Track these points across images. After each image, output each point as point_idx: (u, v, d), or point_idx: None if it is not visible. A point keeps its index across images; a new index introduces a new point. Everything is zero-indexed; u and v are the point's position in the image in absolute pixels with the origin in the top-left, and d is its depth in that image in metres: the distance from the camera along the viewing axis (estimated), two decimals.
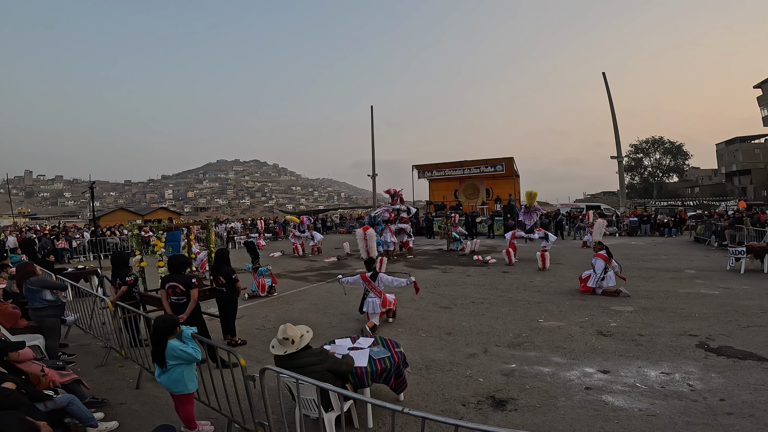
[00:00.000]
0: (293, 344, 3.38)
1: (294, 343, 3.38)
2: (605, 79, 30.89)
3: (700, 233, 17.35)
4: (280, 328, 3.45)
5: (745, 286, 8.43)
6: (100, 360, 5.36)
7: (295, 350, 3.36)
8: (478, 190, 27.82)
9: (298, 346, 3.37)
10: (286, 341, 3.39)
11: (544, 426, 3.53)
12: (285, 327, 3.45)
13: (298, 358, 3.35)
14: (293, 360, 3.34)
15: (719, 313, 6.54)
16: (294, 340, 3.39)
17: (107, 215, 42.32)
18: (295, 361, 3.33)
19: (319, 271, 12.67)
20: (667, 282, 9.19)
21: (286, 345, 3.39)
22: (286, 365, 3.33)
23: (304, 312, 7.62)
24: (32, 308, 5.21)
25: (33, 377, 3.42)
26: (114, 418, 3.85)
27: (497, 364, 4.89)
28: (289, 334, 3.40)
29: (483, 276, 10.79)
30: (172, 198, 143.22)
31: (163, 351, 3.36)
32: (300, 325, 3.60)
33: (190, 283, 4.89)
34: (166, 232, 6.60)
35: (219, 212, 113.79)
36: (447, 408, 3.92)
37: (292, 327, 3.48)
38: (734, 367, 4.52)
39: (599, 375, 4.48)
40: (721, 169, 53.69)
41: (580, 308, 7.19)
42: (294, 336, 3.40)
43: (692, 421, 3.46)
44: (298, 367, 3.26)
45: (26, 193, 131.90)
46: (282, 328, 3.45)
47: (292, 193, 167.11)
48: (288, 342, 3.38)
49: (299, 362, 3.32)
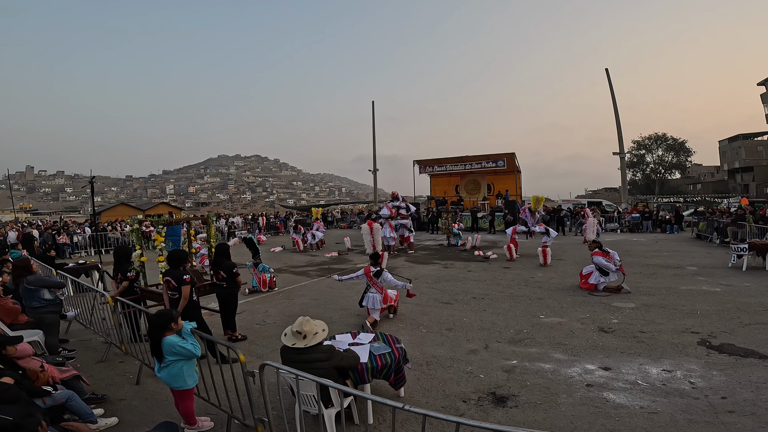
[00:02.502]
0: (304, 339, 3.37)
1: (305, 339, 3.37)
2: (608, 75, 30.73)
3: (702, 230, 17.30)
4: (299, 320, 3.45)
5: (747, 283, 8.40)
6: (101, 356, 5.36)
7: (304, 346, 3.35)
8: (480, 186, 27.75)
9: (308, 343, 3.36)
10: (298, 335, 3.38)
11: (545, 423, 3.52)
12: (303, 320, 3.43)
13: (306, 354, 3.34)
14: (300, 354, 3.34)
15: (721, 311, 6.51)
16: (306, 336, 3.38)
17: (108, 210, 42.25)
18: (302, 356, 3.33)
19: (320, 266, 12.66)
20: (668, 279, 9.16)
21: (298, 338, 3.38)
22: (292, 358, 3.34)
23: (305, 307, 7.61)
24: (30, 307, 5.19)
25: (31, 373, 3.40)
26: (114, 414, 3.85)
27: (498, 361, 4.87)
28: (305, 329, 3.38)
29: (484, 272, 10.77)
30: (173, 193, 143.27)
31: (159, 345, 3.35)
32: (318, 321, 3.58)
33: (181, 278, 4.84)
34: (166, 227, 6.57)
35: (220, 207, 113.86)
36: (448, 404, 3.91)
37: (310, 322, 3.46)
38: (736, 364, 4.50)
39: (600, 372, 4.46)
40: (724, 166, 53.51)
41: (582, 304, 7.17)
42: (308, 332, 3.39)
43: (694, 419, 3.45)
44: (305, 362, 3.26)
45: (28, 189, 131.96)
46: (300, 320, 3.44)
47: (293, 188, 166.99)
48: (300, 336, 3.38)
49: (306, 357, 3.32)
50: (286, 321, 6.74)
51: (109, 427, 3.69)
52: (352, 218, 31.06)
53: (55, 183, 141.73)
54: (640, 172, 57.00)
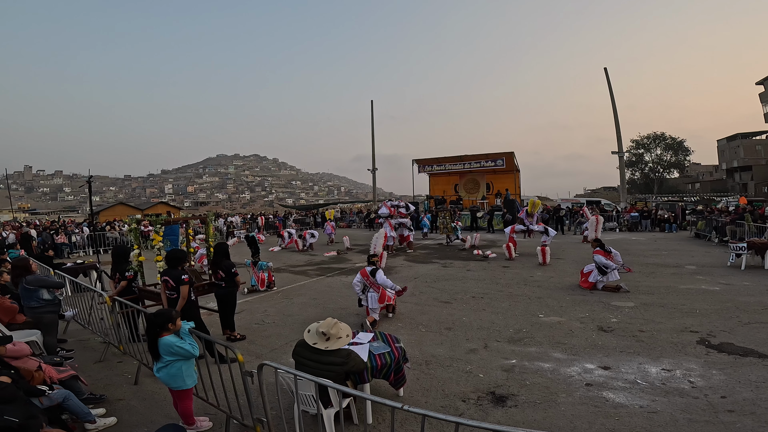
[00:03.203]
0: (327, 341, 3.36)
1: (328, 341, 3.36)
2: (607, 75, 30.74)
3: (700, 229, 17.32)
4: (327, 321, 3.45)
5: (746, 282, 8.41)
6: (99, 355, 5.34)
7: (324, 348, 3.34)
8: (479, 185, 27.78)
9: (329, 346, 3.35)
10: (323, 336, 3.38)
11: (544, 422, 3.51)
12: (333, 322, 3.44)
13: (324, 355, 3.33)
14: (317, 354, 3.34)
15: (720, 310, 6.52)
16: (330, 338, 3.37)
17: (107, 210, 42.26)
18: (318, 356, 3.33)
19: (319, 265, 12.65)
20: (667, 278, 9.17)
21: (320, 339, 3.38)
22: (306, 355, 3.35)
23: (304, 306, 7.60)
24: (28, 306, 5.17)
25: (25, 372, 3.38)
26: (112, 414, 3.83)
27: (497, 360, 4.87)
28: (331, 332, 3.38)
29: (483, 271, 10.77)
30: (172, 193, 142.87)
31: (155, 345, 3.34)
32: (345, 325, 3.57)
33: (179, 278, 4.83)
34: (164, 226, 6.55)
35: (219, 207, 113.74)
36: (447, 404, 3.90)
37: (338, 325, 3.46)
38: (735, 364, 4.50)
39: (600, 371, 4.46)
40: (722, 165, 53.56)
41: (581, 303, 7.17)
42: (333, 335, 3.39)
43: (693, 419, 3.44)
44: (319, 363, 3.26)
45: (26, 189, 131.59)
46: (329, 321, 3.45)
47: (292, 187, 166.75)
48: (323, 338, 3.37)
49: (322, 359, 3.31)
50: (285, 321, 6.74)
51: (108, 427, 3.67)
52: (351, 217, 31.08)
53: (54, 182, 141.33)
54: (638, 171, 57.00)
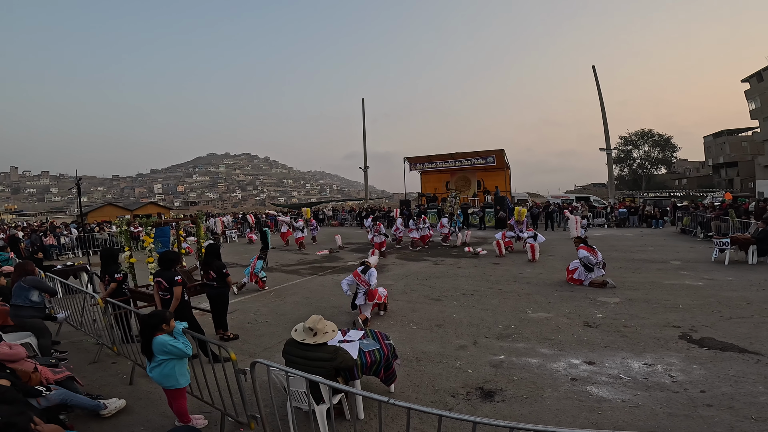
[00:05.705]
0: (314, 336, 3.48)
1: (315, 336, 3.48)
2: (595, 73, 31.14)
3: (686, 225, 17.62)
4: (312, 317, 3.58)
5: (729, 277, 8.61)
6: (93, 357, 5.35)
7: (312, 343, 3.45)
8: (470, 182, 27.97)
9: (316, 340, 3.47)
10: (309, 331, 3.49)
11: (530, 417, 3.62)
12: (318, 318, 3.56)
13: (311, 351, 3.43)
14: (306, 350, 3.44)
15: (703, 305, 6.69)
16: (317, 333, 3.49)
17: (95, 211, 41.76)
18: (306, 353, 3.43)
19: (311, 264, 12.69)
20: (653, 273, 9.36)
21: (308, 335, 3.49)
22: (296, 353, 3.45)
23: (296, 305, 7.66)
24: (13, 305, 5.17)
25: (22, 374, 3.42)
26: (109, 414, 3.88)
27: (486, 356, 4.98)
28: (317, 327, 3.50)
29: (474, 268, 10.90)
30: (161, 192, 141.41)
31: (149, 345, 3.40)
32: (330, 322, 3.69)
33: (173, 279, 4.88)
34: (154, 228, 6.57)
35: (210, 206, 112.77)
36: (437, 399, 4.00)
37: (323, 321, 3.59)
38: (715, 358, 4.63)
39: (585, 366, 4.59)
40: (709, 161, 54.28)
41: (568, 299, 7.32)
42: (319, 330, 3.51)
43: (673, 413, 3.55)
44: (307, 359, 3.36)
45: (12, 190, 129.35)
46: (314, 318, 3.57)
47: (283, 186, 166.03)
48: (311, 333, 3.49)
49: (310, 354, 3.41)
50: (278, 320, 6.79)
51: (119, 409, 3.87)
52: (344, 216, 31.10)
53: (40, 183, 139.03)
54: (627, 167, 57.75)
